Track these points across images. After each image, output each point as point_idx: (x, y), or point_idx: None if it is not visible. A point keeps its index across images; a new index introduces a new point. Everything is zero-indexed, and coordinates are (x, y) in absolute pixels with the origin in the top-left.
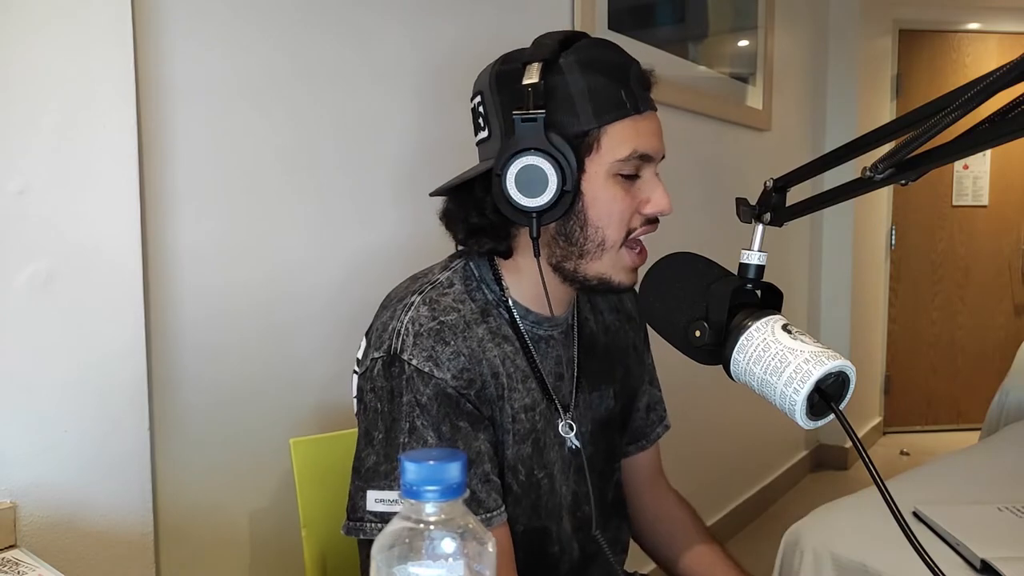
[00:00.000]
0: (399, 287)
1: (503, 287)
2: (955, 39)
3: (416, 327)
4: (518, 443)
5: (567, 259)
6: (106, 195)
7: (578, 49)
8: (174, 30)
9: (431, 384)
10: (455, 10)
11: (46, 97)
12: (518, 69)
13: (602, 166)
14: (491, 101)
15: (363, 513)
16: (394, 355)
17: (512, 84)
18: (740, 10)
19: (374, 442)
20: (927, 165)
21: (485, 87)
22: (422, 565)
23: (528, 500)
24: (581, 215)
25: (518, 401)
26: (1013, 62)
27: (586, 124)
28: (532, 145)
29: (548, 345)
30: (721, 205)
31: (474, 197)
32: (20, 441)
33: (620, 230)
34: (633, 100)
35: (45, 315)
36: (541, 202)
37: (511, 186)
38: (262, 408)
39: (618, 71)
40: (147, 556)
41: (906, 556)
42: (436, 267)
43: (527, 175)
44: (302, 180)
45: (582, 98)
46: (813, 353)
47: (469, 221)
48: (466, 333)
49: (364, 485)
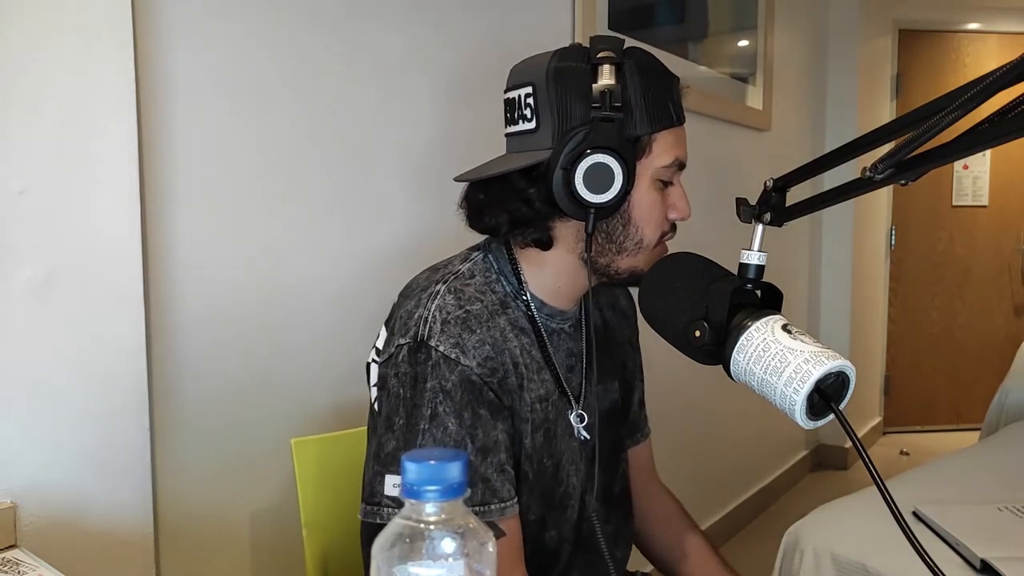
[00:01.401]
0: (419, 277)
1: (521, 280)
2: (955, 39)
3: (443, 314)
4: (534, 432)
5: (603, 254)
6: (106, 195)
7: (634, 55)
8: (174, 30)
9: (457, 370)
10: (456, 10)
11: (46, 97)
12: (583, 68)
13: (649, 170)
14: (548, 95)
15: (380, 498)
16: (421, 341)
17: (576, 81)
18: (740, 10)
19: (394, 427)
20: (927, 165)
21: (540, 79)
22: (422, 565)
23: (539, 488)
24: (625, 215)
25: (534, 392)
26: (1013, 62)
27: (641, 129)
28: (607, 144)
29: (560, 338)
30: (721, 205)
31: (515, 188)
32: (20, 441)
33: (656, 232)
34: (678, 110)
35: (45, 315)
36: (605, 199)
37: (579, 181)
38: (263, 408)
39: (667, 81)
40: (147, 556)
41: (906, 556)
42: (456, 259)
43: (596, 172)
44: (303, 180)
45: (639, 104)
46: (813, 353)
47: (516, 212)
48: (490, 323)
49: (383, 470)
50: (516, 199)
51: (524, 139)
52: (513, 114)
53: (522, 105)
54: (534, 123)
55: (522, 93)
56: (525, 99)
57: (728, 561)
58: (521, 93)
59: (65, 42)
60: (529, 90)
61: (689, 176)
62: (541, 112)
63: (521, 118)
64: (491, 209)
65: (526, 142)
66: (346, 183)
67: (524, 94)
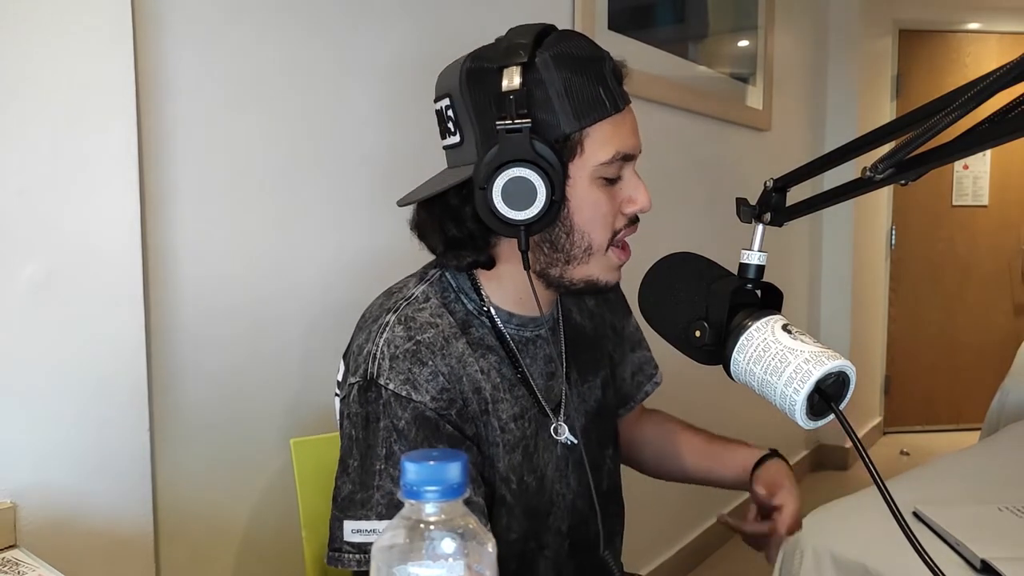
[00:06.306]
0: (373, 305)
1: (482, 295)
2: (955, 39)
3: (392, 349)
4: (509, 452)
5: (552, 265)
6: (106, 195)
7: (550, 45)
8: (174, 30)
9: (409, 408)
10: (455, 10)
11: (46, 97)
12: (492, 70)
13: (585, 170)
14: (463, 104)
15: (341, 543)
16: (370, 380)
17: (487, 87)
18: (740, 10)
19: (349, 470)
20: (927, 165)
21: (455, 89)
22: (422, 565)
23: (520, 506)
24: (567, 221)
25: (506, 411)
26: (1013, 62)
27: (567, 127)
28: (519, 156)
29: (536, 346)
30: (721, 205)
31: (450, 207)
32: (20, 441)
33: (606, 234)
34: (612, 98)
35: (45, 315)
36: (530, 214)
37: (498, 200)
38: (263, 408)
39: (593, 67)
40: (147, 556)
41: (906, 556)
42: (411, 280)
43: (514, 187)
44: (303, 179)
45: (561, 99)
46: (813, 353)
47: (448, 234)
48: (444, 351)
49: (340, 515)
50: (449, 219)
51: (454, 153)
52: (442, 127)
53: (444, 118)
54: (458, 136)
55: (443, 105)
56: (446, 111)
57: (723, 436)
58: (442, 105)
59: (65, 42)
60: (447, 101)
61: (689, 176)
62: (462, 123)
63: (447, 132)
64: (429, 230)
65: (456, 156)
66: (347, 183)
67: (444, 106)
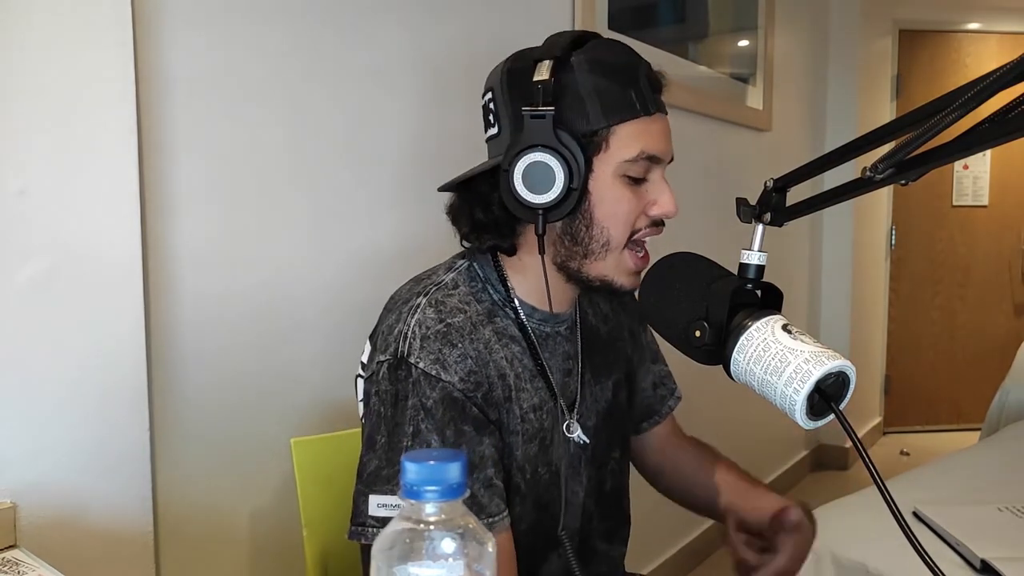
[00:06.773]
0: (402, 289)
1: (508, 287)
2: (955, 39)
3: (423, 329)
4: (527, 443)
5: (572, 258)
6: (106, 195)
7: (588, 48)
8: (174, 29)
9: (438, 387)
10: (457, 10)
11: (46, 97)
12: (529, 67)
13: (610, 166)
14: (501, 98)
15: (365, 518)
16: (401, 358)
17: (522, 81)
18: (740, 10)
19: (376, 447)
20: (927, 165)
21: (496, 84)
22: (422, 565)
23: (532, 497)
24: (587, 214)
25: (526, 401)
26: (1013, 62)
27: (595, 123)
28: (540, 142)
29: (555, 342)
30: (721, 205)
31: (480, 193)
32: (20, 441)
33: (625, 231)
34: (643, 101)
35: (45, 315)
36: (547, 199)
37: (518, 182)
38: (263, 408)
39: (628, 72)
40: (147, 556)
41: (906, 556)
42: (440, 268)
43: (534, 172)
44: (303, 179)
45: (591, 97)
46: (813, 353)
47: (475, 217)
48: (473, 335)
49: (366, 490)
50: (476, 204)
51: (493, 144)
52: (485, 120)
53: (487, 111)
54: (496, 128)
55: (487, 99)
56: (488, 104)
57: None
58: (486, 99)
59: (65, 42)
60: (490, 95)
61: (689, 176)
62: (500, 116)
63: (488, 124)
64: (458, 215)
65: (494, 147)
66: (347, 183)
67: (487, 100)
